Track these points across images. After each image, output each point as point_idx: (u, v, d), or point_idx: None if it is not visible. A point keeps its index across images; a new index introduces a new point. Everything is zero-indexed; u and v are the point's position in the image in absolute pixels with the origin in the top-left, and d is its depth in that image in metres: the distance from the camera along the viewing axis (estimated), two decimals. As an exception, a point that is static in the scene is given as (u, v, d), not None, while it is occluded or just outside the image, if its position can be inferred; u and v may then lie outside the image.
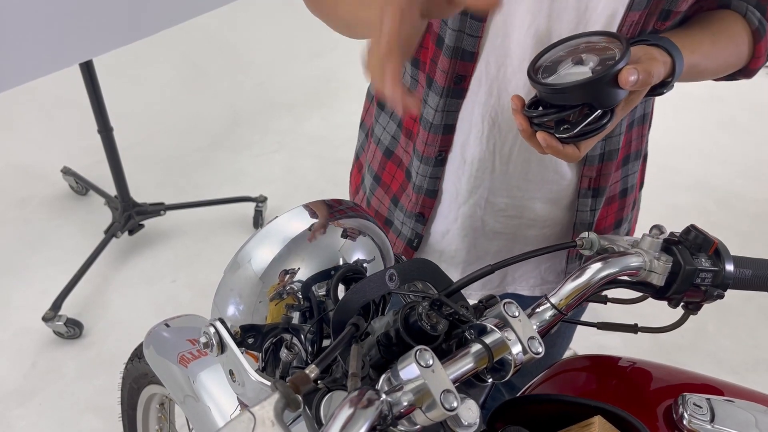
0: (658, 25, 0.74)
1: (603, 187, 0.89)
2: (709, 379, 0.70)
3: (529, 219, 0.91)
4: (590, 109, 0.63)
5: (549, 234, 0.94)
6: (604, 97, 0.62)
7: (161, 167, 2.65)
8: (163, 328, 1.01)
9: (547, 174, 0.87)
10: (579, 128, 0.63)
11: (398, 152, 0.94)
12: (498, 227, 0.92)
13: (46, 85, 2.16)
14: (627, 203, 0.96)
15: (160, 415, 1.18)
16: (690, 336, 2.08)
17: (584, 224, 0.91)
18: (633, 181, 0.95)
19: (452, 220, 0.92)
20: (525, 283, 1.00)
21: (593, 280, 0.62)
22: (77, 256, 2.09)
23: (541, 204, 0.90)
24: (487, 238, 0.94)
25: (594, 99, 0.62)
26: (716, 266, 0.65)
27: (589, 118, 0.63)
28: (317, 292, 0.60)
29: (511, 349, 0.52)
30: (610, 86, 0.61)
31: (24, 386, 1.81)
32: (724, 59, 0.80)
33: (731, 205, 2.70)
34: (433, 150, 0.86)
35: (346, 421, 0.42)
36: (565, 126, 0.63)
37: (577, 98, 0.62)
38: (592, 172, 0.87)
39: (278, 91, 3.18)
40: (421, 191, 0.90)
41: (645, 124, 0.90)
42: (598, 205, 0.90)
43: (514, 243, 0.94)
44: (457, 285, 0.60)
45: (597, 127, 0.64)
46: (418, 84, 0.85)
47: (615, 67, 0.60)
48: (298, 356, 0.61)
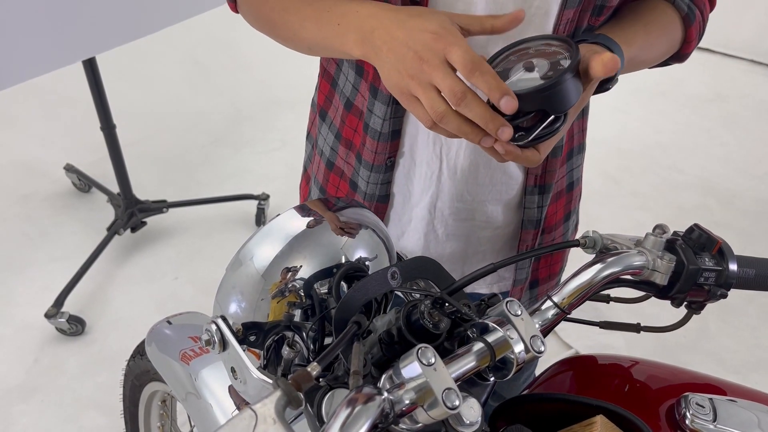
0: (592, 21, 0.74)
1: (549, 184, 0.88)
2: (712, 378, 0.70)
3: (481, 221, 0.90)
4: (543, 114, 0.62)
5: (501, 234, 0.93)
6: (557, 102, 0.61)
7: (164, 164, 2.65)
8: (165, 325, 1.01)
9: (496, 176, 0.86)
10: (534, 134, 0.62)
11: (338, 163, 0.93)
12: (450, 230, 0.91)
13: (50, 82, 2.17)
14: (574, 196, 0.97)
15: (162, 412, 1.19)
16: (692, 336, 2.08)
17: (532, 221, 0.91)
18: (578, 174, 0.95)
19: (406, 221, 0.91)
20: (482, 281, 0.97)
21: (596, 279, 0.62)
22: (80, 253, 2.10)
23: (492, 206, 0.89)
24: (440, 242, 0.93)
25: (548, 105, 0.61)
26: (720, 266, 0.65)
27: (544, 123, 0.62)
28: (319, 289, 0.60)
29: (514, 347, 0.52)
30: (563, 92, 0.60)
31: (26, 382, 1.82)
32: (659, 48, 0.80)
33: (734, 205, 2.70)
34: (382, 158, 0.84)
35: (347, 419, 0.42)
36: (520, 133, 0.62)
37: (532, 105, 0.61)
38: (538, 169, 0.87)
39: (281, 88, 3.18)
40: (372, 198, 0.89)
41: (584, 118, 0.91)
42: (545, 202, 0.90)
43: (468, 245, 0.93)
44: (459, 283, 0.60)
45: (551, 131, 0.63)
46: (358, 93, 0.84)
47: (566, 72, 0.59)
48: (299, 354, 0.61)
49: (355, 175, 0.91)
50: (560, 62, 0.61)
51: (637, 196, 2.69)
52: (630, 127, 3.13)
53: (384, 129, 0.82)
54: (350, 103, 0.86)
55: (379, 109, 0.81)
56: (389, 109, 0.80)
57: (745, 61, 3.76)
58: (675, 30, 0.80)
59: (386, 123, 0.82)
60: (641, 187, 2.75)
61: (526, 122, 0.62)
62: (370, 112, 0.82)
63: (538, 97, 0.60)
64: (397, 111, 0.81)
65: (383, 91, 0.79)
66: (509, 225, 0.92)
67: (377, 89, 0.80)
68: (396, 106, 0.80)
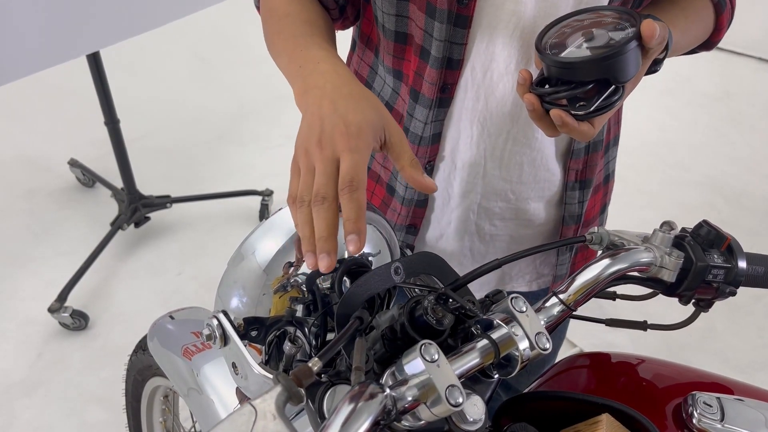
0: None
1: (590, 179, 0.89)
2: (719, 377, 0.69)
3: (523, 220, 0.91)
4: (601, 86, 0.62)
5: (543, 231, 0.93)
6: (619, 71, 0.61)
7: (168, 160, 2.65)
8: (168, 320, 1.00)
9: (540, 173, 0.86)
10: (595, 104, 0.61)
11: (375, 168, 0.93)
12: (493, 230, 0.91)
13: (54, 76, 2.17)
14: (609, 188, 0.97)
15: (164, 407, 1.18)
16: (698, 335, 2.07)
17: (573, 217, 0.91)
18: (613, 166, 0.95)
19: (446, 224, 0.91)
20: (522, 279, 0.99)
21: (602, 276, 0.61)
22: (83, 247, 2.10)
23: (534, 203, 0.89)
24: (483, 242, 0.93)
25: (610, 74, 0.61)
26: (729, 263, 0.63)
27: (604, 93, 0.61)
28: (322, 285, 0.60)
29: (518, 344, 0.51)
30: (625, 60, 0.60)
31: (29, 377, 1.82)
32: (694, 34, 0.80)
33: (741, 203, 2.68)
34: (422, 162, 0.84)
35: (348, 416, 0.42)
36: (581, 103, 0.62)
37: (594, 73, 0.60)
38: (578, 164, 0.87)
39: (285, 84, 3.12)
40: (411, 203, 0.89)
41: (620, 109, 0.91)
42: (585, 197, 0.90)
43: (510, 244, 0.93)
44: (463, 279, 0.59)
45: (610, 102, 0.62)
46: (398, 97, 0.83)
47: (631, 40, 0.59)
48: (301, 350, 0.60)
49: (392, 179, 0.90)
50: (621, 31, 0.61)
51: (643, 194, 2.68)
52: (637, 125, 3.11)
53: (425, 133, 0.82)
54: (390, 107, 0.85)
55: (420, 113, 0.81)
56: (431, 113, 0.80)
57: (753, 59, 3.74)
58: (708, 17, 0.80)
59: (427, 127, 0.81)
60: (647, 185, 2.74)
61: (586, 93, 0.61)
62: (411, 116, 0.82)
63: (602, 65, 0.59)
64: (438, 114, 0.80)
65: (425, 94, 0.79)
66: (550, 222, 0.93)
67: (418, 93, 0.80)
68: (438, 110, 0.80)
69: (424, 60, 0.77)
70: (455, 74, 0.77)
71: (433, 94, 0.78)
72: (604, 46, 0.60)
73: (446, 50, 0.74)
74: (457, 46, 0.74)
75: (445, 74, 0.76)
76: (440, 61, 0.75)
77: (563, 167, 0.87)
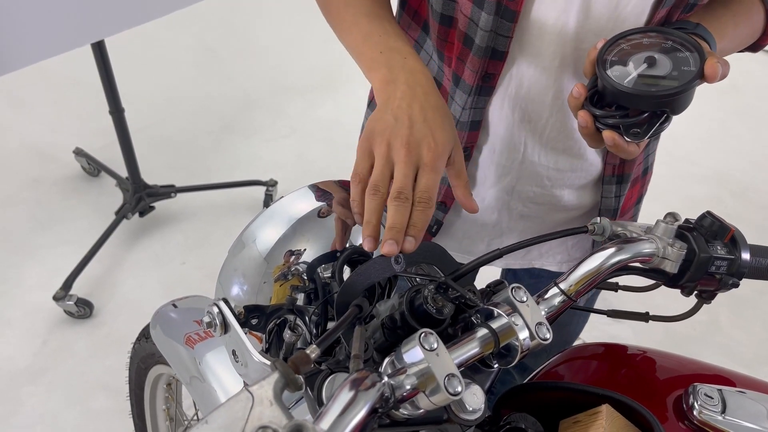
0: (681, 17, 0.74)
1: (627, 174, 0.89)
2: (721, 369, 0.69)
3: (557, 205, 0.92)
4: (655, 114, 0.63)
5: (576, 216, 0.95)
6: (680, 105, 0.63)
7: (172, 149, 2.65)
8: (170, 308, 1.00)
9: (577, 163, 0.86)
10: (649, 133, 0.63)
11: None
12: (525, 212, 0.93)
13: (59, 65, 2.16)
14: (646, 180, 0.99)
15: (168, 395, 1.19)
16: (702, 328, 2.06)
17: (609, 210, 0.92)
18: (652, 159, 0.97)
19: (479, 201, 0.92)
20: (552, 258, 1.01)
21: (604, 266, 0.60)
22: (88, 236, 2.10)
23: (569, 190, 0.90)
24: (514, 219, 0.94)
25: (670, 107, 0.63)
26: (732, 254, 0.63)
27: (659, 121, 0.63)
28: (322, 273, 0.60)
29: (518, 334, 0.51)
30: (689, 96, 0.62)
31: (34, 364, 1.83)
32: (743, 38, 0.80)
33: (747, 197, 2.66)
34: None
35: (347, 403, 0.42)
36: (635, 130, 0.64)
37: (654, 106, 0.62)
38: (616, 159, 0.87)
39: (291, 75, 3.16)
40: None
41: None
42: (622, 191, 0.91)
43: (542, 225, 0.95)
44: (464, 269, 0.59)
45: (661, 129, 0.64)
46: (444, 76, 0.83)
47: (696, 78, 0.61)
48: (302, 338, 0.60)
49: None
50: (683, 63, 0.63)
51: (649, 187, 2.67)
52: (643, 118, 3.09)
53: (463, 118, 0.82)
54: (438, 83, 0.85)
55: (460, 98, 0.81)
56: (470, 99, 0.80)
57: (761, 52, 3.70)
58: (758, 21, 0.80)
59: (465, 112, 0.81)
60: (654, 178, 2.72)
61: (641, 119, 0.63)
62: (452, 98, 0.82)
63: (664, 101, 0.61)
64: (478, 102, 0.80)
65: (465, 80, 0.79)
66: (583, 207, 0.94)
67: (459, 78, 0.79)
68: (478, 97, 0.80)
69: (467, 46, 0.76)
70: (498, 65, 0.76)
71: (474, 81, 0.78)
72: (667, 78, 0.62)
73: (491, 40, 0.73)
74: (503, 38, 0.73)
75: (487, 63, 0.76)
76: (484, 50, 0.74)
77: (602, 160, 0.87)
